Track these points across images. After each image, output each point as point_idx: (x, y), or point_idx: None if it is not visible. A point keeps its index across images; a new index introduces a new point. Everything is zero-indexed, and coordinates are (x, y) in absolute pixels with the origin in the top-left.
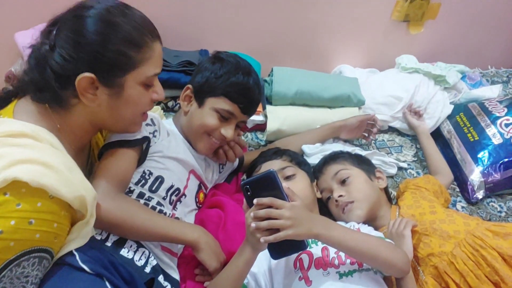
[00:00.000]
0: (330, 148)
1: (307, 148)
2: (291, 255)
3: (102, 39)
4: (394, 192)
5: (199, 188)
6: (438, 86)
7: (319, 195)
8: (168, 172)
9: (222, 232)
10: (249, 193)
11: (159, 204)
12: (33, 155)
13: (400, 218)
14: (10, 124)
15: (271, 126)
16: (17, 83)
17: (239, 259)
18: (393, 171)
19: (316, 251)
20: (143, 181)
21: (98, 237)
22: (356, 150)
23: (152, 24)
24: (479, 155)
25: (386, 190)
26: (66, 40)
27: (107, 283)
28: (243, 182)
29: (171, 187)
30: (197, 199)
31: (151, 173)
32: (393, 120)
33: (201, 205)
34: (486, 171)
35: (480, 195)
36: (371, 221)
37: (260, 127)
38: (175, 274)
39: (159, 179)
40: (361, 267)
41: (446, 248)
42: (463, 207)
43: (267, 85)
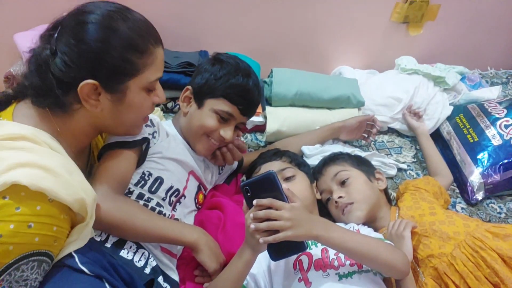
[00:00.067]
0: (330, 149)
1: (306, 149)
2: (291, 257)
3: (105, 46)
4: (393, 193)
5: (199, 189)
6: (437, 87)
7: (318, 196)
8: (167, 173)
9: (222, 233)
10: (248, 194)
11: (158, 205)
12: (32, 159)
13: (399, 219)
14: (10, 126)
15: (270, 127)
16: (16, 87)
17: (239, 260)
18: (392, 172)
19: (316, 253)
20: (143, 182)
21: (98, 238)
22: (355, 151)
23: (154, 28)
24: (479, 156)
25: (385, 191)
26: (68, 46)
27: (107, 285)
28: (242, 183)
29: (170, 188)
30: (196, 200)
31: (150, 174)
32: (392, 121)
33: (200, 206)
34: (485, 172)
35: (479, 196)
36: (371, 222)
37: (259, 128)
38: (174, 275)
39: (159, 180)
40: (360, 269)
41: (445, 250)
42: (462, 208)
43: (266, 86)
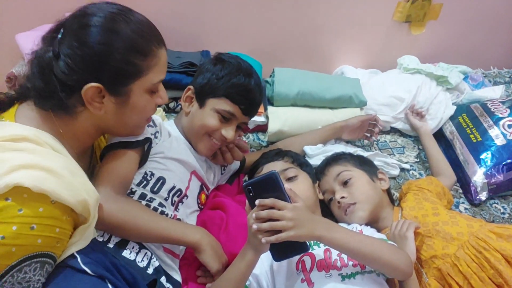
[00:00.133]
0: (332, 149)
1: (309, 149)
2: (293, 257)
3: (108, 49)
4: (396, 194)
5: (201, 189)
6: (440, 86)
7: (321, 196)
8: (169, 173)
9: (224, 234)
10: (251, 194)
11: (161, 205)
12: (34, 160)
13: (402, 219)
14: (12, 128)
15: (272, 127)
16: (19, 88)
17: (241, 261)
18: (395, 172)
19: (319, 253)
20: (145, 182)
21: (100, 238)
22: (358, 151)
23: (156, 30)
24: (482, 156)
25: (388, 191)
26: (71, 49)
27: (109, 285)
28: (245, 183)
29: (172, 188)
30: (199, 200)
31: (152, 174)
32: (395, 121)
33: (203, 206)
34: (489, 172)
35: (483, 196)
36: (374, 222)
37: (261, 128)
38: (177, 276)
39: (161, 180)
40: (363, 269)
41: (449, 250)
42: (466, 208)
43: (268, 86)
